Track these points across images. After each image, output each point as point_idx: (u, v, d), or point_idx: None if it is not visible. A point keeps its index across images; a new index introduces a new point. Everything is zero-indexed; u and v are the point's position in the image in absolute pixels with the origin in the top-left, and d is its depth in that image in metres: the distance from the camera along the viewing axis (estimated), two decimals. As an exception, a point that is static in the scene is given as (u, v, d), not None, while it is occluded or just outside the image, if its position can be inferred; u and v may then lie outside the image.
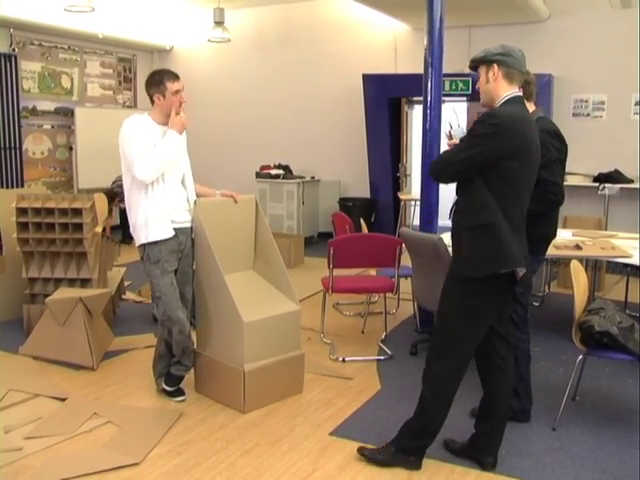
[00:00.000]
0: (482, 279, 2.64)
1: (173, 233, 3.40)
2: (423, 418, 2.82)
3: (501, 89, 2.70)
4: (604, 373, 4.05)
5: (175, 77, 3.38)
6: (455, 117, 3.32)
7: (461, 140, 2.75)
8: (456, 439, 3.07)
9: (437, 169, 2.82)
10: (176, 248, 3.46)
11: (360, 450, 2.97)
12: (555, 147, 3.07)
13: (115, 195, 7.71)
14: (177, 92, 3.36)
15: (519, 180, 2.66)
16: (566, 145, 3.17)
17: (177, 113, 3.39)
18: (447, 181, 2.84)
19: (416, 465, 2.88)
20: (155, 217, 3.36)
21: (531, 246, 3.18)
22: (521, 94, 2.75)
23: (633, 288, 5.64)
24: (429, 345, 2.90)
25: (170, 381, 3.63)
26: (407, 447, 2.88)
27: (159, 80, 3.37)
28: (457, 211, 2.77)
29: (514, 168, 2.62)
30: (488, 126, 2.62)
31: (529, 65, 3.22)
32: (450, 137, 2.87)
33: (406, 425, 2.88)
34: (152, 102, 3.43)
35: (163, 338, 3.62)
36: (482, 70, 2.74)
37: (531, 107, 3.19)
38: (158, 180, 3.35)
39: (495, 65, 2.69)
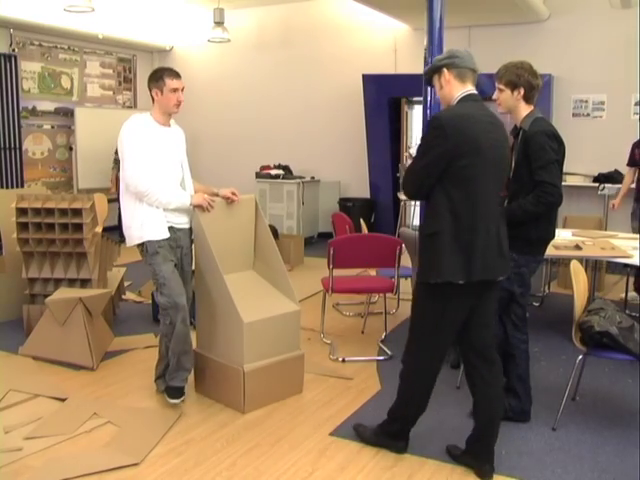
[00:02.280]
0: (438, 284, 2.66)
1: (168, 235, 3.40)
2: (403, 408, 2.95)
3: (454, 90, 2.76)
4: (604, 373, 4.05)
5: (175, 75, 3.40)
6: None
7: (417, 151, 2.79)
8: (455, 439, 3.06)
9: (405, 187, 2.84)
10: (173, 244, 3.46)
11: (355, 426, 3.17)
12: (553, 149, 3.07)
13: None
14: (175, 90, 3.37)
15: (473, 180, 2.63)
16: (564, 146, 3.18)
17: (174, 112, 3.44)
18: (419, 195, 2.84)
19: (401, 448, 3.00)
20: (151, 218, 3.36)
21: (530, 247, 3.20)
22: (475, 91, 2.78)
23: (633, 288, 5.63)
24: (405, 345, 2.93)
25: (174, 394, 3.51)
26: (392, 430, 3.01)
27: (159, 76, 3.38)
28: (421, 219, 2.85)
29: (464, 168, 2.61)
30: (431, 130, 2.67)
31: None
32: (411, 157, 2.91)
33: (390, 411, 3.01)
34: (153, 99, 3.45)
35: (164, 339, 3.61)
36: (435, 79, 2.83)
37: (529, 108, 3.20)
38: (156, 182, 3.35)
39: (445, 69, 2.76)
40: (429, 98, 4.59)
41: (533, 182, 3.05)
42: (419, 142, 2.80)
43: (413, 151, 2.92)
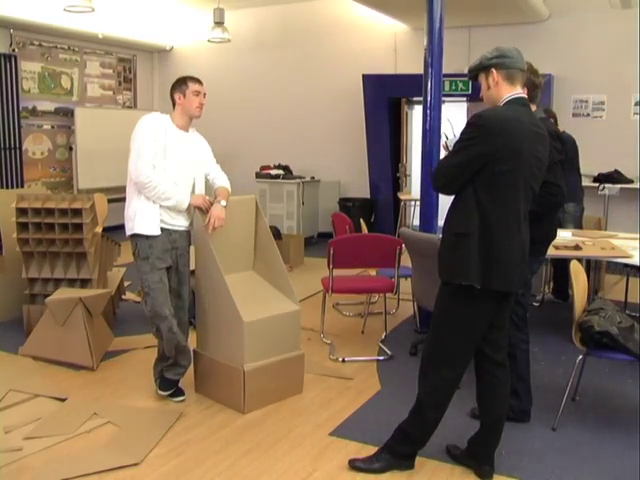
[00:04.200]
0: (464, 285, 2.57)
1: (159, 232, 3.40)
2: (421, 425, 2.79)
3: (503, 92, 2.63)
4: (604, 373, 4.05)
5: (198, 80, 3.51)
6: (450, 127, 3.26)
7: (453, 147, 2.68)
8: (455, 439, 3.07)
9: (434, 180, 2.74)
10: (168, 247, 3.46)
11: (352, 463, 2.88)
12: (556, 149, 3.07)
13: None
14: (197, 93, 3.46)
15: (506, 188, 2.53)
16: (567, 146, 3.17)
17: (196, 115, 3.55)
18: (447, 191, 2.72)
19: (410, 466, 2.87)
20: (145, 213, 3.37)
21: (532, 247, 3.19)
22: (524, 95, 2.69)
23: (633, 288, 5.64)
24: (424, 348, 2.85)
25: (164, 385, 3.59)
26: (403, 452, 2.86)
27: (182, 81, 3.49)
28: (447, 215, 2.74)
29: (502, 173, 2.51)
30: (473, 129, 2.55)
31: (529, 66, 3.23)
32: (446, 148, 2.85)
33: (402, 430, 2.83)
34: (174, 105, 3.51)
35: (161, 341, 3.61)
36: (482, 78, 2.69)
37: (532, 108, 3.19)
38: (159, 177, 3.36)
39: (493, 70, 2.63)
40: (429, 98, 4.59)
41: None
42: (458, 136, 2.67)
43: (450, 142, 2.81)
